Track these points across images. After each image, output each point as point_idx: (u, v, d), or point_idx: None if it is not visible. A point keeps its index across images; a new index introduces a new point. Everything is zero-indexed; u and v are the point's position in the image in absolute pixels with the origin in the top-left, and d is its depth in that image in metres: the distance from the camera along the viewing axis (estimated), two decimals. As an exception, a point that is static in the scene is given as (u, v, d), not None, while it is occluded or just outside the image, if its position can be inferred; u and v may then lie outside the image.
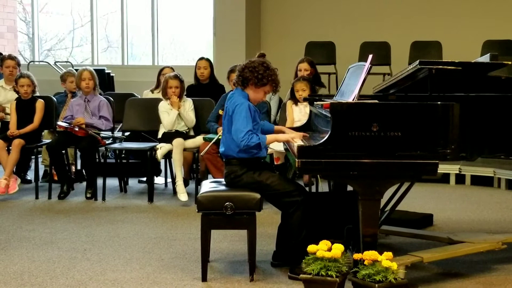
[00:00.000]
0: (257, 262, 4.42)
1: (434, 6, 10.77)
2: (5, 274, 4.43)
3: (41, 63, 12.76)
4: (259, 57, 6.24)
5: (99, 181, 6.99)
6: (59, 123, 7.13)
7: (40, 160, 7.60)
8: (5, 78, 8.03)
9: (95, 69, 7.51)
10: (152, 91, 8.13)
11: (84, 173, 7.49)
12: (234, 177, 4.41)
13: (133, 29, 13.27)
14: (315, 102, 4.93)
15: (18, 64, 8.09)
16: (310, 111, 5.27)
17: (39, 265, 4.64)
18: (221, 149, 4.53)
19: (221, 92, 7.68)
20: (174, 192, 7.00)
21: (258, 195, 4.25)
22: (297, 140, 4.36)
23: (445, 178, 7.98)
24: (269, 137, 4.44)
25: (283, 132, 4.69)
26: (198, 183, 6.64)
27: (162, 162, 7.45)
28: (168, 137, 6.84)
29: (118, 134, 7.77)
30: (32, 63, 12.41)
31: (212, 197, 4.27)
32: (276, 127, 4.80)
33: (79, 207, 6.60)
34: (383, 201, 4.25)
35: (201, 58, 8.25)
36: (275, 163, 6.34)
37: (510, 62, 4.35)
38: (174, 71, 7.61)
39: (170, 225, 5.84)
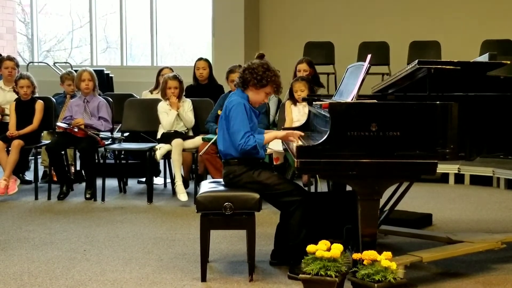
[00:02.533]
0: (257, 262, 4.41)
1: (433, 6, 10.77)
2: (5, 274, 4.43)
3: (40, 64, 12.76)
4: (258, 57, 6.24)
5: (99, 182, 6.99)
6: (58, 124, 7.13)
7: (39, 161, 7.61)
8: (4, 79, 8.04)
9: (94, 70, 7.51)
10: (151, 91, 8.13)
11: (84, 174, 7.49)
12: (233, 177, 4.41)
13: (132, 30, 13.26)
14: (314, 102, 4.93)
15: (17, 65, 8.09)
16: (309, 111, 5.27)
17: (38, 265, 4.64)
18: (220, 149, 4.53)
19: (220, 93, 7.69)
20: (173, 192, 7.00)
21: (257, 195, 4.25)
22: (296, 139, 4.36)
23: (444, 178, 7.98)
24: (268, 136, 4.44)
25: None
26: (197, 184, 6.64)
27: (161, 162, 7.46)
28: (167, 138, 6.85)
29: (117, 134, 7.77)
30: (31, 64, 12.39)
31: (211, 198, 4.28)
32: (266, 131, 4.76)
33: (78, 208, 6.61)
34: (382, 201, 4.25)
35: (200, 59, 8.25)
36: (274, 163, 6.34)
37: (508, 62, 4.34)
38: (173, 71, 7.61)
39: (170, 225, 5.84)
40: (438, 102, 3.98)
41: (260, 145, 4.34)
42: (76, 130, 6.95)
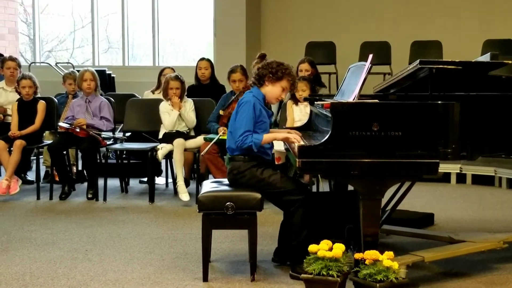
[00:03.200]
0: (258, 262, 4.42)
1: (434, 5, 10.77)
2: (7, 275, 4.44)
3: (42, 64, 12.78)
4: (260, 57, 6.27)
5: (100, 182, 7.00)
6: (60, 124, 7.14)
7: (41, 161, 7.61)
8: (6, 79, 8.03)
9: (96, 70, 7.52)
10: (152, 91, 8.14)
11: (85, 174, 7.50)
12: (237, 173, 4.42)
13: (133, 30, 13.28)
14: (315, 102, 4.93)
15: (19, 65, 8.09)
16: (311, 111, 5.27)
17: (40, 265, 4.64)
18: (227, 144, 4.54)
19: (222, 93, 7.68)
20: (175, 192, 7.00)
21: (258, 195, 4.26)
22: (296, 140, 4.36)
23: (446, 177, 7.98)
24: (266, 136, 4.44)
25: None
26: (198, 183, 6.64)
27: (163, 162, 7.46)
28: (169, 138, 6.85)
29: (119, 134, 7.78)
30: (33, 64, 12.41)
31: (213, 197, 4.28)
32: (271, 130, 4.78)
33: (80, 208, 6.61)
34: (384, 201, 4.25)
35: (202, 59, 8.26)
36: (276, 162, 6.33)
37: (510, 61, 4.35)
38: (174, 71, 7.62)
39: (171, 225, 5.84)
40: (439, 102, 3.98)
41: (257, 145, 4.34)
42: (78, 130, 6.95)
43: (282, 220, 4.55)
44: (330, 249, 3.87)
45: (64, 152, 7.16)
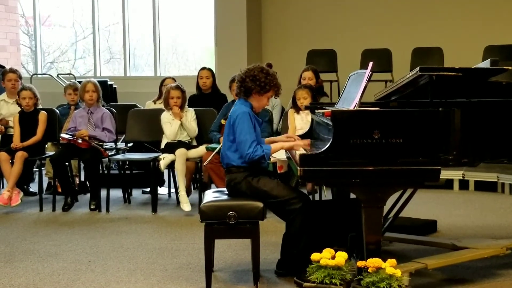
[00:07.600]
0: (261, 271, 4.42)
1: (435, 12, 10.79)
2: (10, 287, 4.44)
3: (44, 75, 12.81)
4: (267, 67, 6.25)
5: (103, 193, 7.00)
6: (63, 135, 7.15)
7: (44, 172, 7.62)
8: (7, 91, 8.04)
9: (97, 81, 7.53)
10: (154, 102, 8.15)
11: (88, 185, 7.50)
12: (234, 184, 4.42)
13: (135, 40, 13.32)
14: (316, 110, 4.94)
15: (20, 77, 8.10)
16: (312, 119, 5.28)
17: (43, 277, 4.64)
18: (222, 157, 4.54)
19: (223, 102, 7.70)
20: (178, 202, 6.99)
21: (261, 204, 4.25)
22: (301, 148, 4.37)
23: (448, 184, 7.97)
24: (274, 146, 4.46)
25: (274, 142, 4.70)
26: (201, 193, 6.64)
27: (165, 172, 7.46)
28: (171, 148, 6.86)
29: (121, 145, 7.78)
30: (35, 75, 12.45)
31: (215, 207, 4.28)
32: (267, 139, 4.78)
33: (83, 219, 6.61)
34: (386, 208, 4.24)
35: (203, 68, 8.28)
36: (278, 171, 6.34)
37: (510, 68, 4.35)
38: (176, 81, 7.63)
39: (174, 235, 5.84)
40: (440, 109, 3.98)
41: (268, 155, 4.37)
42: (80, 141, 6.95)
43: (284, 232, 4.53)
44: (333, 257, 3.87)
45: (67, 163, 7.17)
